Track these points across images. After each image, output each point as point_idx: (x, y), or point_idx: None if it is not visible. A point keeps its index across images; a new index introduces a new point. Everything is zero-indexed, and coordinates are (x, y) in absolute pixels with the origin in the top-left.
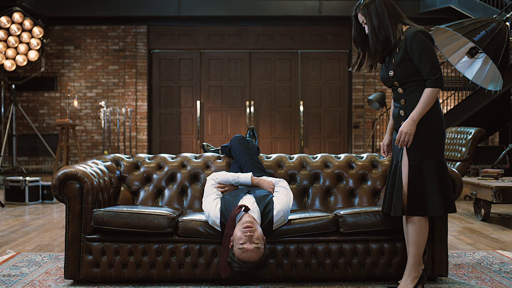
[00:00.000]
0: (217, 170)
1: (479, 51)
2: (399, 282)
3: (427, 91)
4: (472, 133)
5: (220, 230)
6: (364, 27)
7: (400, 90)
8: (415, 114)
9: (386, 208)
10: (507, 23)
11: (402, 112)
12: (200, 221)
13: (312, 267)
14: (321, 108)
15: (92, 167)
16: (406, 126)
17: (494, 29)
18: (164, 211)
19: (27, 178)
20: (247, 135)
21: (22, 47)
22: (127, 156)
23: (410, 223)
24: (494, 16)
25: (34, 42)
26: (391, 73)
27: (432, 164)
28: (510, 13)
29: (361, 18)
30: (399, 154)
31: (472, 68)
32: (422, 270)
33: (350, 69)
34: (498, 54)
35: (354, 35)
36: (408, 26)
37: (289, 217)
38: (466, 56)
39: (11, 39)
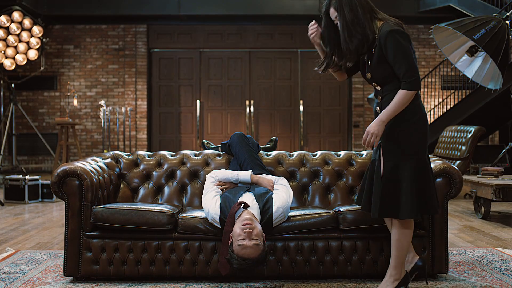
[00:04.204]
0: (216, 167)
1: (479, 49)
2: None
3: (401, 93)
4: (472, 131)
5: (219, 227)
6: (337, 24)
7: (378, 87)
8: (384, 115)
9: (365, 207)
10: (507, 22)
11: (378, 109)
12: (199, 218)
13: (312, 264)
14: (321, 107)
15: (91, 164)
16: (373, 126)
17: (494, 27)
18: (163, 208)
19: (27, 177)
20: (268, 143)
21: (22, 46)
22: (126, 153)
23: (393, 224)
24: (494, 14)
25: (33, 41)
26: (367, 75)
27: (408, 165)
28: (510, 12)
29: (334, 13)
30: (377, 152)
31: (472, 66)
32: (406, 272)
33: (316, 68)
34: (498, 53)
35: (323, 32)
36: (382, 22)
37: (289, 214)
38: (466, 55)
39: (11, 38)
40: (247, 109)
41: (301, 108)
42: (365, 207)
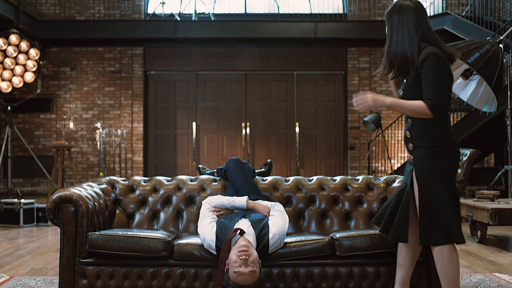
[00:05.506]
0: (212, 193)
1: (474, 72)
2: None
3: (419, 102)
4: (468, 154)
5: (215, 253)
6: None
7: (409, 121)
8: (392, 101)
9: (385, 229)
10: (501, 45)
11: (408, 134)
12: (195, 245)
13: None
14: (316, 130)
15: (87, 190)
16: (374, 98)
17: (488, 51)
18: (159, 234)
19: (22, 201)
20: (263, 167)
21: (18, 69)
22: (122, 178)
23: (436, 253)
24: (487, 38)
25: (30, 63)
26: (400, 92)
27: (444, 188)
28: (504, 35)
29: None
30: (408, 177)
31: (467, 89)
32: None
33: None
34: (492, 76)
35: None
36: (426, 45)
37: (285, 240)
38: (460, 78)
39: (8, 61)
40: (243, 131)
41: (297, 130)
42: (384, 230)
